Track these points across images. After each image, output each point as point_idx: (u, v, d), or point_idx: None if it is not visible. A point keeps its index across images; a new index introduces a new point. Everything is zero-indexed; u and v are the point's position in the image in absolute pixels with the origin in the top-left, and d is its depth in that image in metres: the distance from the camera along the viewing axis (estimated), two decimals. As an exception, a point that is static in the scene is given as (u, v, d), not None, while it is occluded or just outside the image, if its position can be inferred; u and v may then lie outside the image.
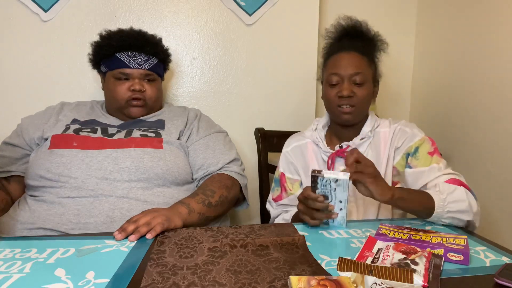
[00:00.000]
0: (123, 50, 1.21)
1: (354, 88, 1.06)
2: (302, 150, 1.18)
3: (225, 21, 1.57)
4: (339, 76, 1.07)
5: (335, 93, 1.08)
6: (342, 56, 1.09)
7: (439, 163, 1.03)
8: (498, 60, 1.36)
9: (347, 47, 1.09)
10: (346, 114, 1.08)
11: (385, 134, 1.12)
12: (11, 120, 1.27)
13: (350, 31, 1.13)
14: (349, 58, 1.08)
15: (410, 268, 0.64)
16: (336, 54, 1.10)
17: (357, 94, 1.06)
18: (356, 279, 0.59)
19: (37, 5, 1.44)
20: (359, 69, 1.07)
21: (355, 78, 1.06)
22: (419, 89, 1.84)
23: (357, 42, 1.10)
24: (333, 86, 1.09)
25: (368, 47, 1.11)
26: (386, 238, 0.79)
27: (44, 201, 1.03)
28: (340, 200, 0.92)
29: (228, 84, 1.61)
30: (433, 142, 1.08)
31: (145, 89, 1.23)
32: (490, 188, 1.38)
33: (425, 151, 1.05)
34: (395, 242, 0.74)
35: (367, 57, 1.10)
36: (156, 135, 1.18)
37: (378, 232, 0.83)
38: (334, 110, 1.10)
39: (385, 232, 0.83)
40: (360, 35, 1.12)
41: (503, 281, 0.62)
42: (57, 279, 0.63)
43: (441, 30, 1.68)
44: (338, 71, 1.07)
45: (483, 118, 1.43)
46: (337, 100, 1.07)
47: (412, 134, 1.09)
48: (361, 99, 1.07)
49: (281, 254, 0.73)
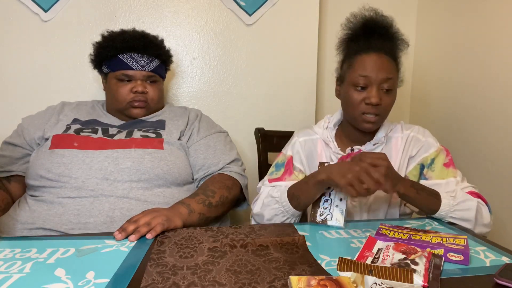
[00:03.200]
0: (126, 51, 1.21)
1: (382, 95, 0.99)
2: (312, 145, 1.13)
3: (225, 21, 1.57)
4: (368, 80, 0.99)
5: (361, 98, 1.00)
6: (372, 58, 1.00)
7: (456, 176, 1.02)
8: (498, 60, 1.36)
9: (377, 47, 1.01)
10: (369, 123, 1.01)
11: (397, 140, 1.09)
12: (12, 119, 1.27)
13: (376, 28, 1.04)
14: (381, 62, 0.99)
15: (410, 268, 0.64)
16: (365, 53, 1.01)
17: (384, 102, 1.00)
18: (356, 279, 0.59)
19: (37, 5, 1.44)
20: (390, 75, 0.99)
21: (384, 85, 0.99)
22: (419, 89, 1.84)
23: (387, 43, 1.02)
24: (359, 89, 1.01)
25: (396, 49, 1.04)
26: (386, 238, 0.79)
27: (44, 201, 1.03)
28: (340, 198, 0.92)
29: (228, 84, 1.61)
30: (448, 152, 1.07)
31: (148, 90, 1.23)
32: (490, 188, 1.38)
33: (441, 163, 1.04)
34: (395, 242, 0.74)
35: (395, 61, 1.03)
36: (157, 136, 1.18)
37: (378, 232, 0.83)
38: (356, 116, 1.03)
39: (385, 232, 0.83)
40: (387, 35, 1.04)
41: (503, 281, 0.62)
42: (57, 279, 0.63)
43: (441, 30, 1.68)
44: (369, 74, 0.99)
45: (483, 117, 1.43)
46: (363, 106, 1.00)
47: (427, 143, 1.06)
48: (387, 108, 1.01)
49: (281, 254, 0.73)
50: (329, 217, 0.93)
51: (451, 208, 0.93)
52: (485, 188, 1.38)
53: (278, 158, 1.16)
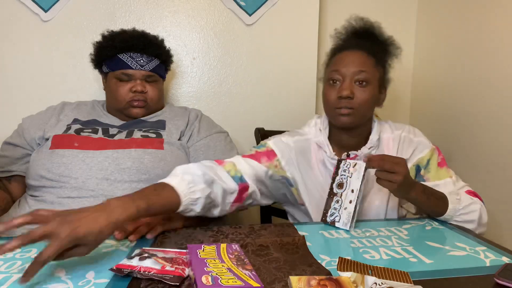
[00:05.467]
0: (126, 51, 1.22)
1: (355, 89, 0.98)
2: (305, 148, 1.08)
3: (225, 21, 1.57)
4: (341, 74, 0.99)
5: (334, 93, 1.00)
6: (346, 54, 1.01)
7: (452, 176, 1.04)
8: (498, 60, 1.36)
9: (354, 45, 1.02)
10: (344, 116, 0.99)
11: (388, 141, 1.07)
12: (12, 120, 1.26)
13: (360, 32, 1.06)
14: (354, 56, 1.00)
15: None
16: (341, 52, 1.03)
17: (358, 95, 0.98)
18: (356, 279, 0.59)
19: (37, 5, 1.44)
20: (363, 67, 0.98)
21: (357, 77, 0.98)
22: (419, 89, 1.84)
23: (366, 42, 1.03)
24: (333, 85, 1.01)
25: (377, 48, 1.03)
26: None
27: (44, 201, 1.03)
28: (352, 189, 0.91)
29: (228, 84, 1.61)
30: (439, 151, 1.07)
31: (147, 90, 1.23)
32: (490, 188, 1.38)
33: (435, 163, 1.05)
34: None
35: (375, 58, 1.02)
36: (157, 136, 1.18)
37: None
38: (331, 112, 1.02)
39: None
40: (370, 36, 1.05)
41: (503, 281, 0.62)
42: (57, 279, 0.63)
43: (441, 30, 1.68)
44: (340, 68, 1.00)
45: (484, 117, 1.43)
46: (336, 101, 0.99)
47: (421, 143, 1.06)
48: (362, 102, 0.98)
49: (281, 254, 0.73)
50: (337, 219, 0.92)
51: (457, 212, 0.94)
52: (485, 189, 1.38)
53: (262, 144, 1.08)
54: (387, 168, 0.86)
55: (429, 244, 0.82)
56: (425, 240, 0.84)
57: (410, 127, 1.10)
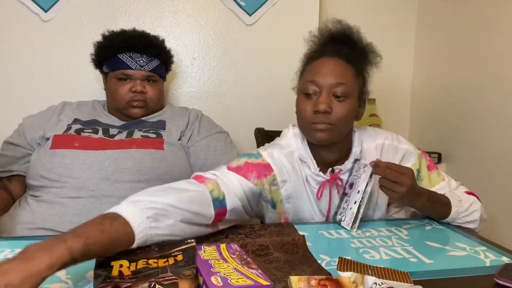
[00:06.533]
0: (125, 51, 1.22)
1: (333, 103, 0.88)
2: (293, 163, 0.96)
3: (225, 21, 1.57)
4: (317, 85, 0.89)
5: (310, 107, 0.89)
6: (323, 62, 0.91)
7: (444, 179, 1.02)
8: (498, 60, 1.36)
9: (331, 52, 0.92)
10: (320, 132, 0.89)
11: (370, 151, 0.99)
12: (13, 119, 1.26)
13: (337, 37, 0.95)
14: (332, 65, 0.90)
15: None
16: (317, 59, 0.93)
17: (336, 110, 0.88)
18: (356, 279, 0.59)
19: (37, 5, 1.44)
20: (343, 79, 0.88)
21: (336, 90, 0.88)
22: (419, 89, 1.84)
23: (344, 48, 0.93)
24: (308, 97, 0.90)
25: (356, 56, 0.93)
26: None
27: (44, 201, 1.03)
28: (358, 190, 0.90)
29: (228, 84, 1.61)
30: (425, 154, 1.04)
31: (146, 90, 1.23)
32: (490, 188, 1.38)
33: (425, 170, 1.02)
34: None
35: (354, 67, 0.92)
36: (157, 136, 1.18)
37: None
38: (306, 127, 0.92)
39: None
40: (348, 42, 0.94)
41: (503, 281, 0.62)
42: (57, 279, 0.63)
43: (441, 30, 1.68)
44: (316, 79, 0.89)
45: (484, 117, 1.43)
46: (312, 116, 0.89)
47: (407, 152, 1.00)
48: (340, 118, 0.88)
49: (281, 254, 0.73)
50: (343, 218, 0.91)
51: (459, 215, 0.94)
52: (485, 189, 1.38)
53: (252, 155, 0.95)
54: (392, 178, 0.84)
55: (429, 244, 0.82)
56: (425, 240, 0.84)
57: (393, 134, 1.03)
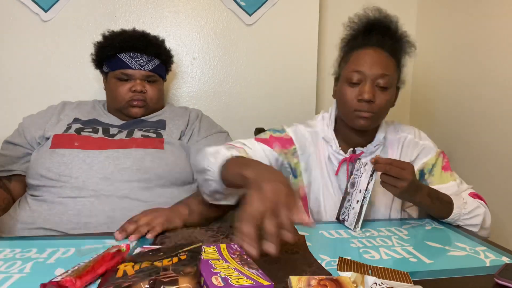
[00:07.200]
0: (125, 51, 1.22)
1: (376, 92, 0.94)
2: (315, 141, 1.06)
3: (225, 21, 1.57)
4: (362, 75, 0.94)
5: (354, 95, 0.95)
6: (368, 53, 0.96)
7: (456, 179, 1.04)
8: (498, 60, 1.36)
9: (376, 43, 0.97)
10: (363, 119, 0.96)
11: (392, 142, 1.06)
12: (13, 119, 1.26)
13: (377, 26, 0.99)
14: (377, 57, 0.95)
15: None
16: (361, 49, 0.97)
17: (379, 99, 0.94)
18: (356, 279, 0.59)
19: (37, 5, 1.44)
20: (386, 71, 0.94)
21: (380, 81, 0.94)
22: (419, 89, 1.84)
23: (387, 40, 0.97)
24: (353, 86, 0.96)
25: (397, 48, 0.99)
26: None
27: (44, 200, 1.03)
28: (360, 189, 0.90)
29: (228, 84, 1.61)
30: (444, 155, 1.07)
31: (146, 90, 1.23)
32: (490, 188, 1.38)
33: (439, 167, 1.04)
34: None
35: (395, 60, 0.98)
36: (157, 136, 1.18)
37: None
38: (349, 113, 0.98)
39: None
40: (388, 32, 0.99)
41: (503, 281, 0.62)
42: (57, 279, 0.63)
43: (441, 30, 1.68)
44: (362, 69, 0.94)
45: (484, 117, 1.43)
46: (356, 103, 0.95)
47: (426, 147, 1.05)
48: (382, 106, 0.96)
49: (281, 254, 0.73)
50: (346, 218, 0.92)
51: (461, 217, 0.94)
52: (485, 189, 1.38)
53: (274, 131, 1.07)
54: (393, 174, 0.85)
55: (429, 244, 0.82)
56: (425, 240, 0.84)
57: (416, 130, 1.09)
